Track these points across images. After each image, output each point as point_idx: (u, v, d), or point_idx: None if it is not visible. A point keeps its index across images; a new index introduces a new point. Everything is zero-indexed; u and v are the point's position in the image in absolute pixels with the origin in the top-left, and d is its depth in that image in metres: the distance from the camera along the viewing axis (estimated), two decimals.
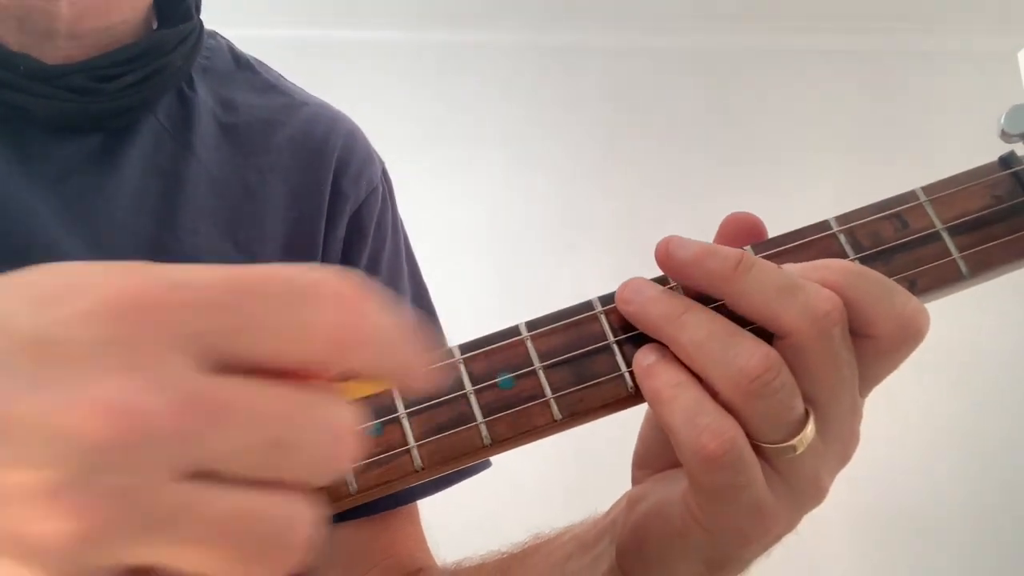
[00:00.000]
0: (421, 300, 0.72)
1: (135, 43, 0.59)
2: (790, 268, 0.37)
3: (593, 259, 2.53)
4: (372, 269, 0.67)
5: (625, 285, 0.39)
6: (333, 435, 0.25)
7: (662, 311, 0.37)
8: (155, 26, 0.62)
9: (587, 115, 2.64)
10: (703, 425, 0.35)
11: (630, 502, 0.44)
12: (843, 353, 0.36)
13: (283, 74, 0.72)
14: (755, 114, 2.65)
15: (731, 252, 0.37)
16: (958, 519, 2.44)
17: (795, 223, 0.41)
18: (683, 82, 2.68)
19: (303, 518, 0.24)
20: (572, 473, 2.16)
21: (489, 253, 2.53)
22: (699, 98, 2.67)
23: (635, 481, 0.45)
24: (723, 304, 0.38)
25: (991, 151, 0.40)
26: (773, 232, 0.41)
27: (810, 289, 0.36)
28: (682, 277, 0.38)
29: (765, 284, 0.36)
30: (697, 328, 0.36)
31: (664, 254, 0.38)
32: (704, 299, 0.38)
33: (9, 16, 0.54)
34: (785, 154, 2.62)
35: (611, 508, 0.47)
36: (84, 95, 0.56)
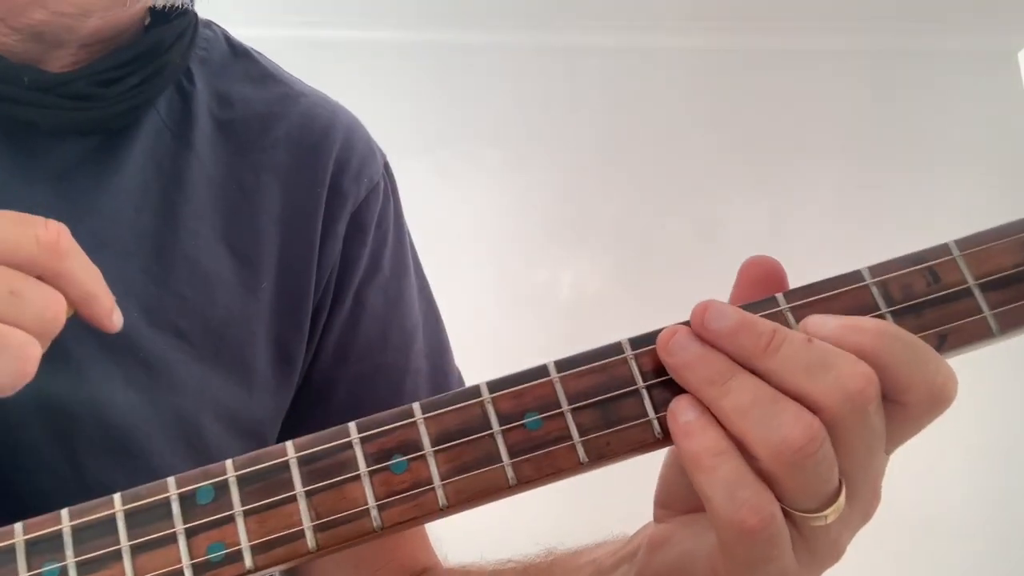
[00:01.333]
0: (424, 298, 0.71)
1: (134, 44, 0.58)
2: (824, 326, 0.37)
3: (593, 259, 2.53)
4: (373, 268, 0.66)
5: (670, 336, 0.38)
6: None
7: (706, 375, 0.37)
8: (147, 20, 0.60)
9: (587, 115, 2.63)
10: (743, 499, 0.35)
11: (652, 542, 0.44)
12: (876, 425, 0.36)
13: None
14: (755, 114, 2.64)
15: (764, 328, 0.37)
16: (970, 528, 2.42)
17: (795, 223, 0.40)
18: (683, 82, 2.66)
19: None
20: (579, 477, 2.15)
21: (488, 253, 2.52)
22: (699, 98, 2.66)
23: (657, 519, 0.45)
24: None
25: (990, 152, 0.40)
26: (777, 235, 0.40)
27: (843, 365, 0.35)
28: (715, 347, 0.38)
29: (795, 362, 0.36)
30: (741, 394, 0.36)
31: (699, 323, 0.38)
32: None
33: (27, 28, 0.53)
34: (785, 154, 2.62)
35: (632, 537, 0.47)
36: (87, 101, 0.55)
